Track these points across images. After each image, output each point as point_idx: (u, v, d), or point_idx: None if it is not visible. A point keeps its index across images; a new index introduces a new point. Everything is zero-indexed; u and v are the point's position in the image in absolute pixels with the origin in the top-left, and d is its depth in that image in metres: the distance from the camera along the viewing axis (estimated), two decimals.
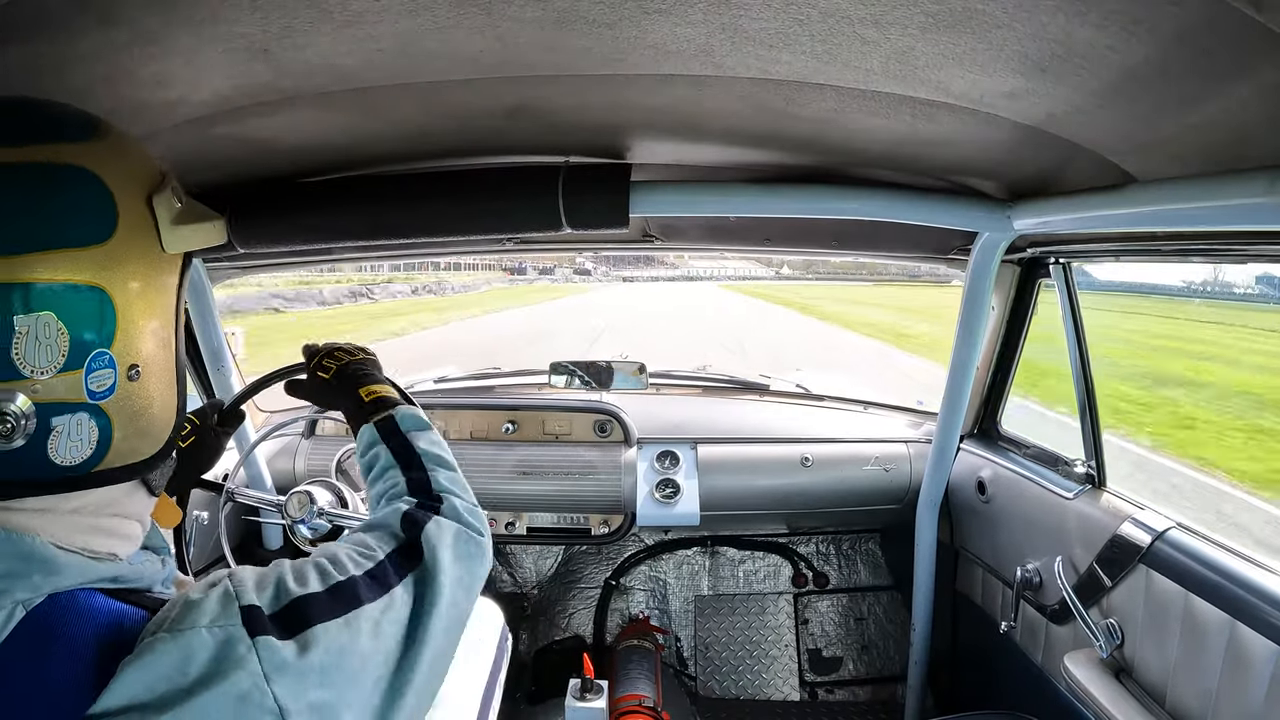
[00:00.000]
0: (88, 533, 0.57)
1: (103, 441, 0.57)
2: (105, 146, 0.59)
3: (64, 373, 0.54)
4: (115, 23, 0.66)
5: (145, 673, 0.49)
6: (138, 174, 0.61)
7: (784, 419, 2.27)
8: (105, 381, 0.56)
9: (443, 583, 0.67)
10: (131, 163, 0.61)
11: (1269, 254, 1.08)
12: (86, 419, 0.55)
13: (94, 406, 0.56)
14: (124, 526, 0.60)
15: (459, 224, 1.23)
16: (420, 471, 0.82)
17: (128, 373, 0.58)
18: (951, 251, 1.71)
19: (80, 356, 0.55)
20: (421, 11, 0.67)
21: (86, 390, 0.55)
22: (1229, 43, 0.58)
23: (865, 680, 2.36)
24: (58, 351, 0.53)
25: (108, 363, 0.56)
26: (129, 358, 0.58)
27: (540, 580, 2.50)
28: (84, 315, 0.55)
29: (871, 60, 0.76)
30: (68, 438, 0.54)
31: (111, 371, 0.57)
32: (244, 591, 0.56)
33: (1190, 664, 1.16)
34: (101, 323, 0.56)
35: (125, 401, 0.58)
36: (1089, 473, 1.51)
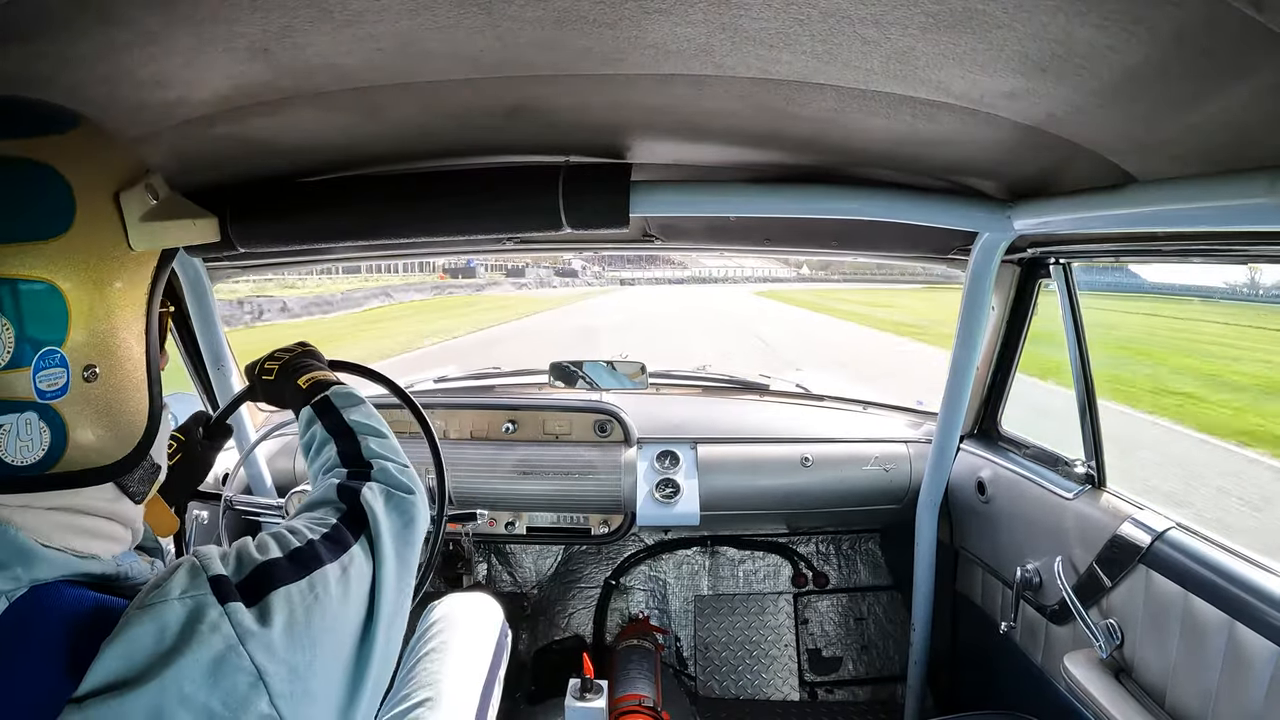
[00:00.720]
0: (68, 531, 0.56)
1: (56, 443, 0.55)
2: (68, 141, 0.58)
3: (8, 370, 0.52)
4: (115, 23, 0.66)
5: (123, 647, 0.49)
6: (105, 168, 0.60)
7: (784, 419, 2.27)
8: (55, 381, 0.55)
9: (385, 541, 0.69)
10: (98, 156, 0.60)
11: (1269, 254, 1.08)
12: (35, 419, 0.54)
13: (43, 406, 0.54)
14: (107, 528, 0.60)
15: (458, 224, 1.23)
16: (352, 442, 0.84)
17: (83, 373, 0.56)
18: (951, 251, 1.71)
19: (27, 354, 0.53)
20: (421, 11, 0.67)
21: (35, 389, 0.53)
22: (1229, 43, 0.58)
23: (865, 680, 2.36)
24: (2, 348, 0.52)
25: (58, 361, 0.55)
26: (85, 357, 0.56)
27: (540, 580, 2.50)
28: (31, 311, 0.53)
29: (872, 60, 0.76)
30: (16, 437, 0.53)
31: (63, 370, 0.55)
32: (210, 563, 0.56)
33: (1190, 664, 1.16)
34: (51, 319, 0.54)
35: (81, 403, 0.56)
36: (1089, 473, 1.51)
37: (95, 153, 0.60)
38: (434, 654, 1.31)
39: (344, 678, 0.61)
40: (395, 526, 0.72)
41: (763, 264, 58.62)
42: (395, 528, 0.72)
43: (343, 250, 1.77)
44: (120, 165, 0.62)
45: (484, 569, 2.48)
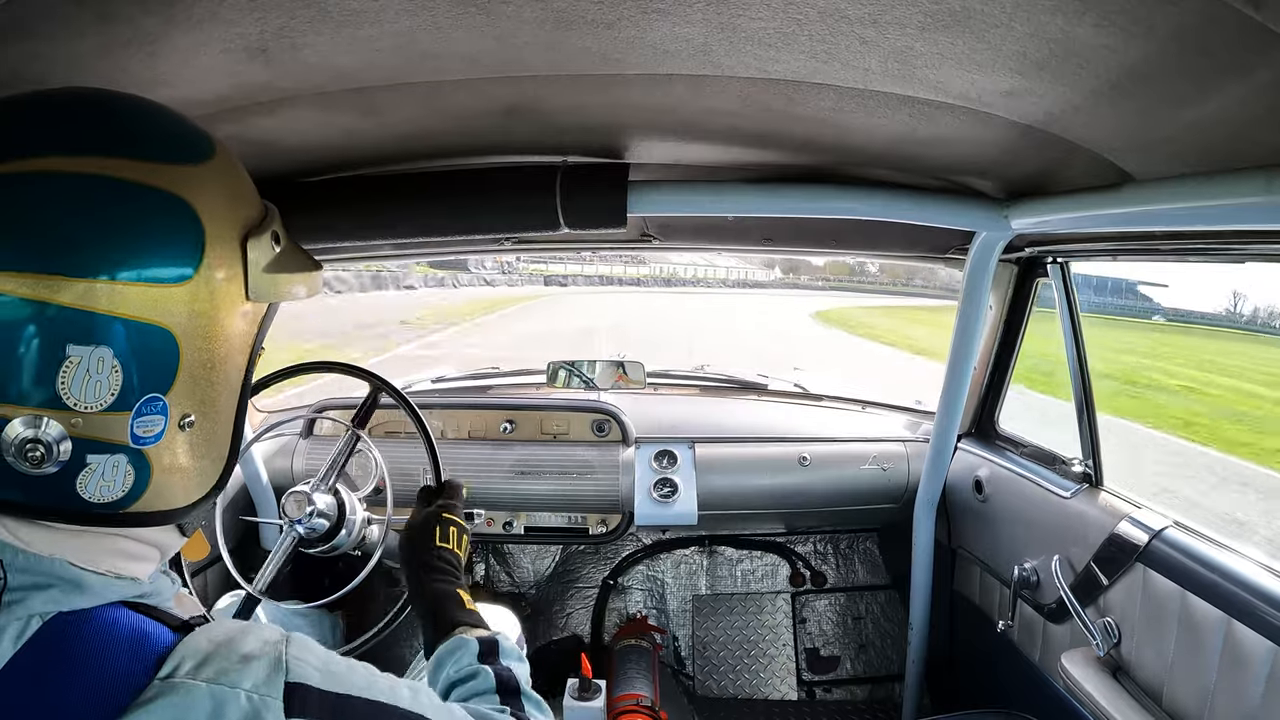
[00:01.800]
0: (114, 555, 0.54)
1: (137, 487, 0.53)
2: (205, 173, 0.55)
3: (109, 412, 0.50)
4: (114, 22, 0.66)
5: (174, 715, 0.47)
6: (237, 209, 0.57)
7: (782, 418, 2.27)
8: (153, 428, 0.52)
9: None
10: (233, 196, 0.57)
11: (1266, 253, 1.09)
12: (124, 462, 0.52)
13: (135, 451, 0.52)
14: (149, 553, 0.58)
15: (456, 224, 1.23)
16: (522, 713, 0.77)
17: (180, 421, 0.54)
18: (949, 251, 1.71)
19: (131, 398, 0.51)
20: (420, 11, 0.67)
21: (131, 434, 0.51)
22: (1227, 42, 0.58)
23: (863, 679, 2.36)
24: (107, 390, 0.49)
25: (160, 409, 0.52)
26: (184, 406, 0.54)
27: (538, 580, 2.50)
28: (144, 356, 0.51)
29: (870, 60, 0.76)
30: (100, 477, 0.51)
31: (162, 418, 0.53)
32: (298, 665, 0.52)
33: (1187, 662, 1.17)
34: (161, 367, 0.52)
35: (171, 450, 0.54)
36: (1086, 472, 1.52)
37: (229, 189, 0.57)
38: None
39: None
40: None
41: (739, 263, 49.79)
42: None
43: (342, 250, 1.77)
44: (250, 206, 0.59)
45: (482, 569, 2.47)
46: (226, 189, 0.56)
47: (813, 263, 43.39)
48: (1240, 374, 14.23)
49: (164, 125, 0.55)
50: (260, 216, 0.60)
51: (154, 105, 0.57)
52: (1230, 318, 20.44)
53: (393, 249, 1.94)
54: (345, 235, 1.26)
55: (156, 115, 0.56)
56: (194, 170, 0.54)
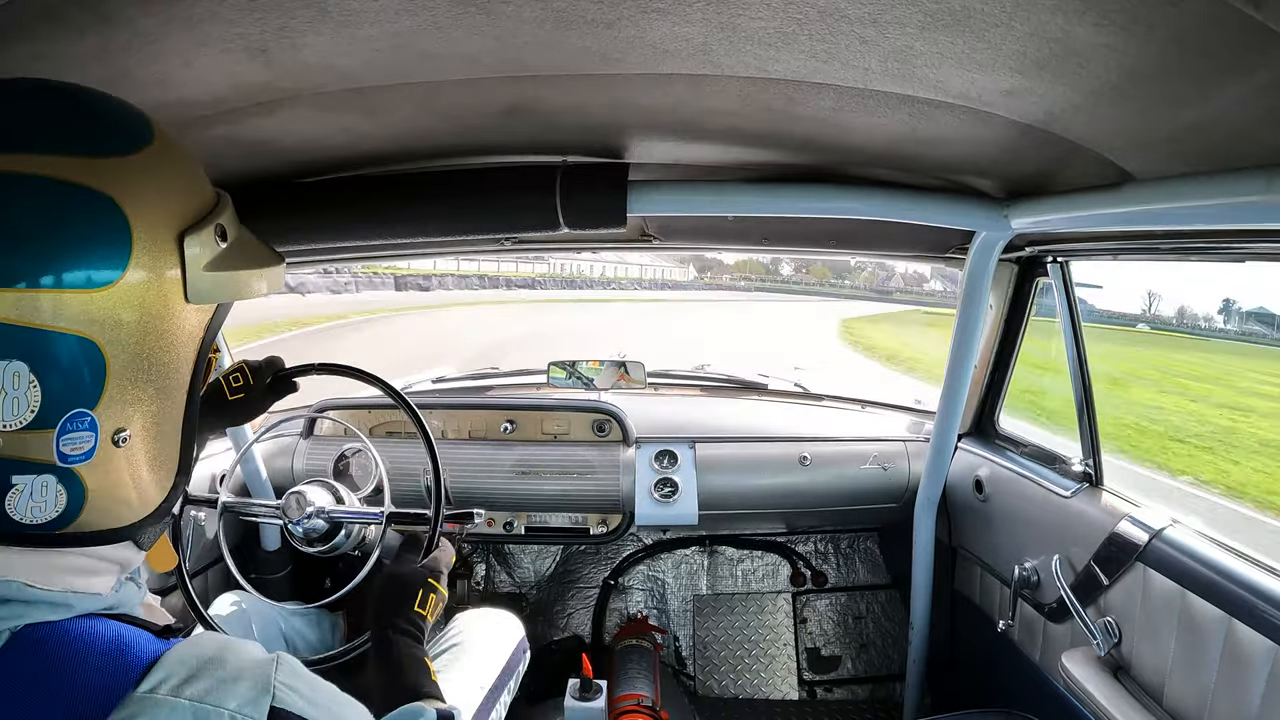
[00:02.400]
0: (67, 574, 0.50)
1: (71, 508, 0.49)
2: (135, 164, 0.50)
3: (30, 430, 0.46)
4: (113, 23, 0.66)
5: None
6: (173, 202, 0.52)
7: (782, 418, 2.27)
8: (81, 445, 0.48)
9: None
10: (169, 188, 0.52)
11: (1266, 252, 1.09)
12: (53, 482, 0.48)
13: (64, 470, 0.48)
14: (107, 568, 0.54)
15: (456, 224, 1.23)
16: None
17: (113, 437, 0.50)
18: (949, 250, 1.71)
19: (54, 415, 0.47)
20: (420, 11, 0.67)
21: (56, 452, 0.47)
22: (1228, 41, 0.58)
23: (864, 679, 2.36)
24: (25, 406, 0.45)
25: (88, 425, 0.48)
26: (117, 421, 0.50)
27: (539, 580, 2.50)
28: (65, 369, 0.46)
29: (870, 59, 0.76)
30: (29, 497, 0.47)
31: (91, 435, 0.48)
32: (284, 690, 0.50)
33: (1187, 662, 1.17)
34: (86, 380, 0.48)
35: (105, 468, 0.50)
36: (1086, 471, 1.52)
37: (165, 182, 0.52)
38: (445, 655, 1.31)
39: None
40: None
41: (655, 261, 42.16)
42: None
43: (342, 250, 1.77)
44: (190, 198, 0.54)
45: (482, 570, 2.48)
46: (162, 182, 0.51)
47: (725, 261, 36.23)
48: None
49: (87, 113, 0.50)
50: (206, 208, 0.55)
51: (78, 90, 0.51)
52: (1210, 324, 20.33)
53: (392, 249, 1.94)
54: (345, 236, 1.26)
55: (78, 102, 0.51)
56: (120, 162, 0.49)
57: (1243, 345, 17.30)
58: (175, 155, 0.54)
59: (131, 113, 0.53)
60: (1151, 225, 1.13)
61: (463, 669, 1.29)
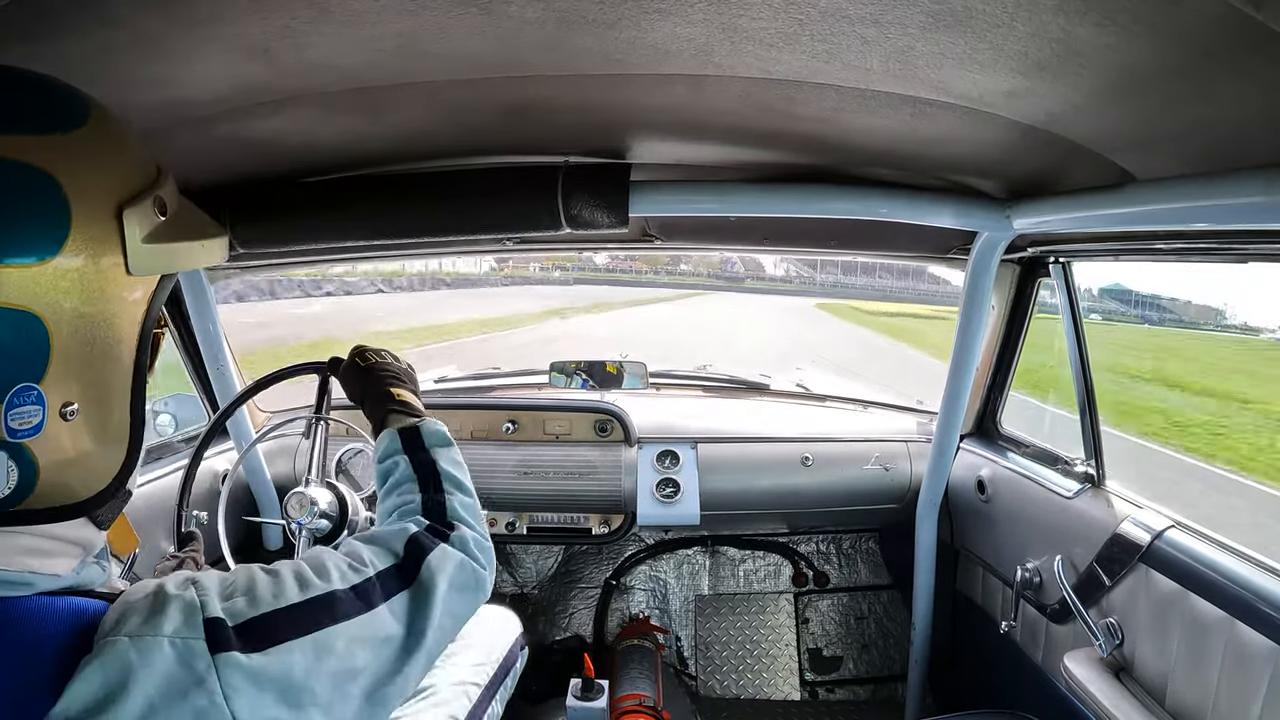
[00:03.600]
0: (26, 555, 0.50)
1: (24, 482, 0.49)
2: (73, 141, 0.50)
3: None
4: (115, 24, 0.66)
5: (105, 674, 0.46)
6: (111, 177, 0.53)
7: (784, 418, 2.27)
8: (29, 420, 0.48)
9: (435, 610, 0.65)
10: (106, 162, 0.53)
11: (1267, 253, 1.08)
12: (3, 458, 0.48)
13: (13, 445, 0.48)
14: (67, 549, 0.54)
15: (457, 224, 1.23)
16: (438, 494, 0.77)
17: (61, 410, 0.50)
18: (951, 251, 1.71)
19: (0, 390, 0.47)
20: (421, 11, 0.67)
21: (4, 427, 0.47)
22: (1228, 42, 0.58)
23: (866, 679, 2.36)
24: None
25: (34, 399, 0.48)
26: (64, 395, 0.50)
27: (541, 580, 2.50)
28: (8, 343, 0.47)
29: (871, 60, 0.76)
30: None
31: (39, 409, 0.49)
32: (209, 602, 0.52)
33: (1190, 662, 1.16)
34: (30, 354, 0.48)
35: (56, 442, 0.50)
36: (1089, 472, 1.51)
37: (103, 157, 0.52)
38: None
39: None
40: (454, 604, 0.67)
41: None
42: (453, 605, 0.67)
43: (343, 251, 1.77)
44: (129, 173, 0.54)
45: None
46: (99, 157, 0.52)
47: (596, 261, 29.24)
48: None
49: (22, 91, 0.51)
50: (147, 182, 0.56)
51: (12, 69, 0.52)
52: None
53: (393, 249, 1.94)
54: (346, 235, 1.26)
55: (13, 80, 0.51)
56: (58, 139, 0.49)
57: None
58: (113, 131, 0.54)
59: (67, 90, 0.53)
60: (1153, 226, 1.13)
61: (458, 665, 1.29)
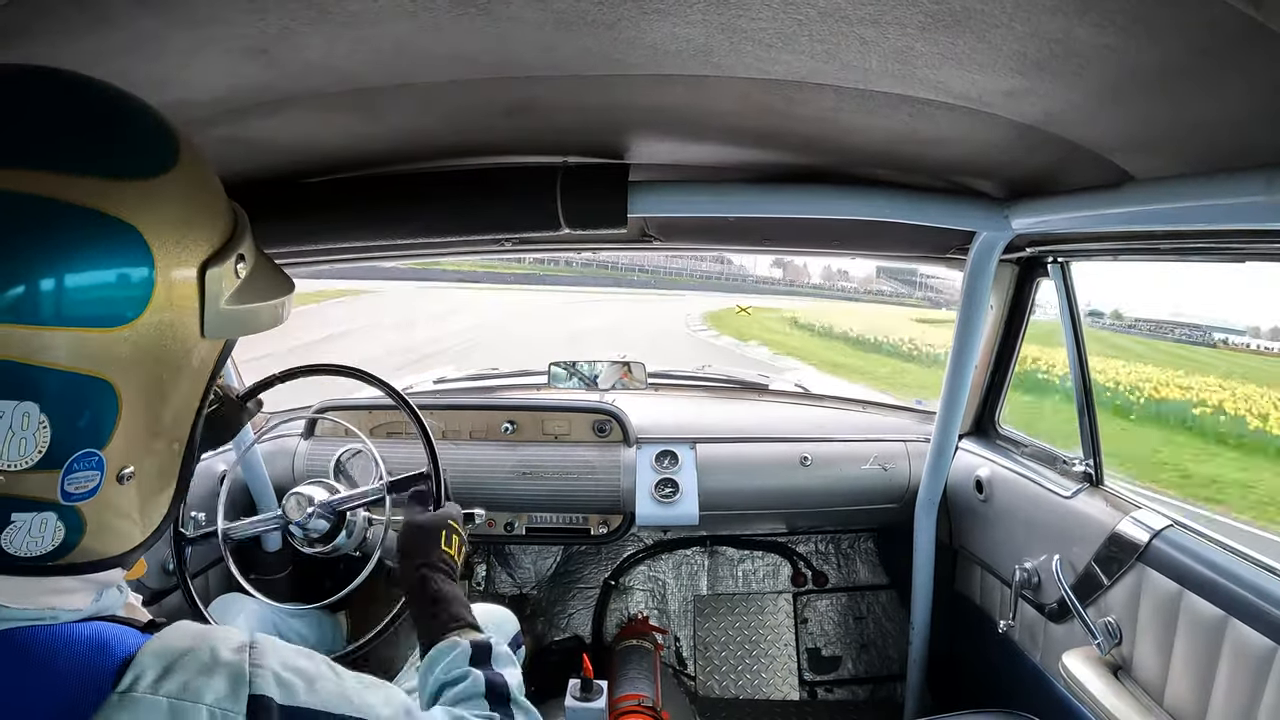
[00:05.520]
0: (47, 594, 0.48)
1: (68, 542, 0.47)
2: (168, 188, 0.46)
3: (36, 471, 0.43)
4: (113, 24, 0.66)
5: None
6: (199, 231, 0.48)
7: (783, 418, 2.27)
8: (87, 484, 0.46)
9: None
10: (194, 215, 0.48)
11: (1267, 253, 1.09)
12: (53, 519, 0.45)
13: (67, 509, 0.46)
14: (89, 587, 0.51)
15: (456, 225, 1.23)
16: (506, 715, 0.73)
17: (117, 475, 0.48)
18: (950, 251, 1.71)
19: (61, 455, 0.44)
20: (420, 12, 0.67)
21: (61, 491, 0.45)
22: (1228, 41, 0.58)
23: (865, 679, 2.36)
24: (33, 447, 0.43)
25: (95, 464, 0.46)
26: (124, 460, 0.48)
27: (539, 580, 2.50)
28: (77, 411, 0.44)
29: (870, 60, 0.76)
30: (26, 534, 0.45)
31: (98, 474, 0.46)
32: (261, 674, 0.48)
33: (1188, 661, 1.17)
34: (98, 421, 0.45)
35: (107, 505, 0.48)
36: (1087, 471, 1.52)
37: (191, 209, 0.48)
38: None
39: None
40: None
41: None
42: None
43: (342, 251, 1.77)
44: (214, 225, 0.50)
45: (483, 570, 2.47)
46: (187, 206, 0.48)
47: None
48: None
49: (111, 125, 0.46)
50: (226, 234, 0.51)
51: (100, 93, 0.47)
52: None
53: (393, 250, 1.94)
54: (345, 236, 1.26)
55: (100, 109, 0.46)
56: (147, 186, 0.45)
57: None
58: (202, 176, 0.50)
59: (159, 126, 0.49)
60: (1152, 226, 1.13)
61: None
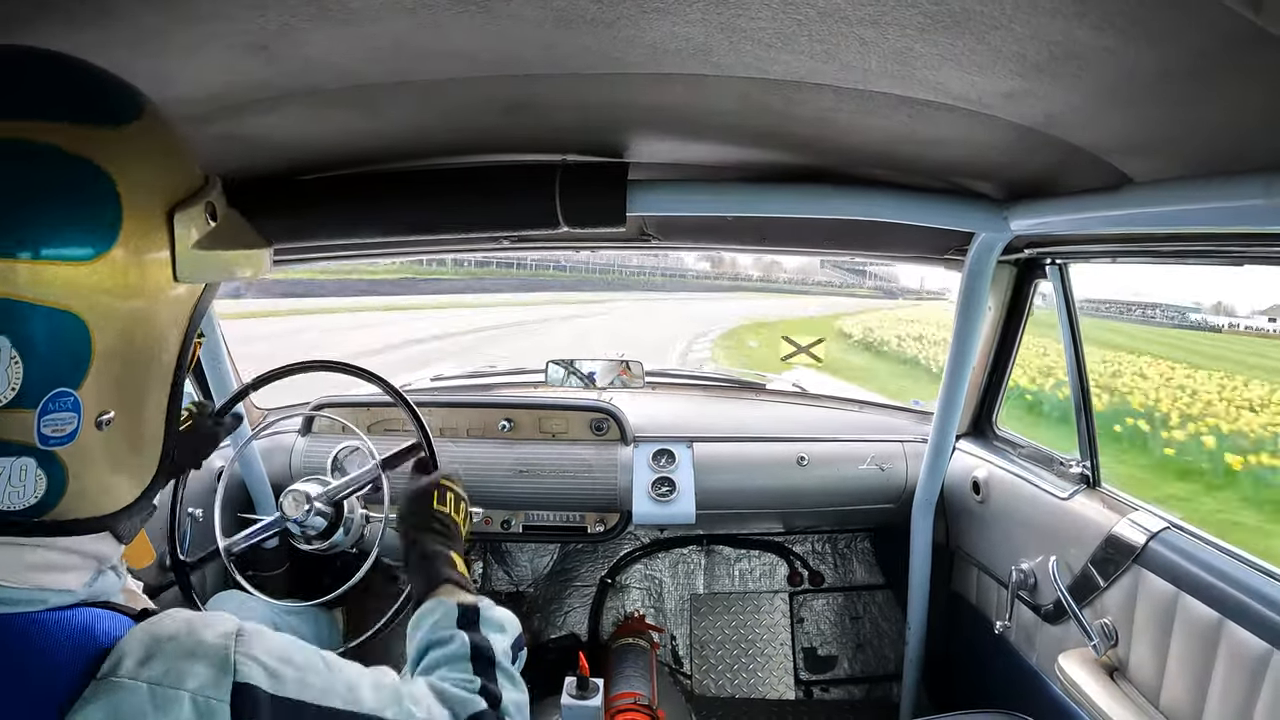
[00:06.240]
0: (37, 571, 0.48)
1: (52, 491, 0.47)
2: (128, 136, 0.48)
3: (10, 409, 0.44)
4: (115, 18, 0.66)
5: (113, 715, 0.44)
6: (165, 178, 0.51)
7: (780, 418, 2.27)
8: (64, 427, 0.46)
9: None
10: (161, 163, 0.51)
11: (1265, 255, 1.09)
12: (33, 465, 0.45)
13: (45, 453, 0.45)
14: (83, 563, 0.51)
15: (455, 223, 1.23)
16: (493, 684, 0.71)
17: (97, 419, 0.47)
18: (948, 252, 1.71)
19: (36, 394, 0.44)
20: (420, 10, 0.67)
21: (37, 434, 0.45)
22: (1227, 45, 0.58)
23: (860, 679, 2.36)
24: (6, 383, 0.43)
25: (70, 405, 0.46)
26: (101, 402, 0.48)
27: (536, 578, 2.50)
28: (49, 345, 0.44)
29: (869, 60, 0.76)
30: (6, 482, 0.45)
31: (74, 416, 0.46)
32: (247, 665, 0.48)
33: (1183, 663, 1.17)
34: (70, 358, 0.45)
35: (88, 451, 0.48)
36: (1084, 473, 1.52)
37: (157, 155, 0.50)
38: None
39: None
40: None
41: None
42: None
43: (340, 248, 1.77)
44: (181, 175, 0.53)
45: (480, 568, 2.48)
46: (153, 155, 0.50)
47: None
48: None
49: (79, 82, 0.49)
50: (196, 187, 0.54)
51: (69, 60, 0.50)
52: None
53: (391, 247, 1.94)
54: (343, 233, 1.26)
55: (70, 71, 0.49)
56: (113, 133, 0.47)
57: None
58: (166, 131, 0.53)
59: (123, 84, 0.52)
60: (1151, 228, 1.13)
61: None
